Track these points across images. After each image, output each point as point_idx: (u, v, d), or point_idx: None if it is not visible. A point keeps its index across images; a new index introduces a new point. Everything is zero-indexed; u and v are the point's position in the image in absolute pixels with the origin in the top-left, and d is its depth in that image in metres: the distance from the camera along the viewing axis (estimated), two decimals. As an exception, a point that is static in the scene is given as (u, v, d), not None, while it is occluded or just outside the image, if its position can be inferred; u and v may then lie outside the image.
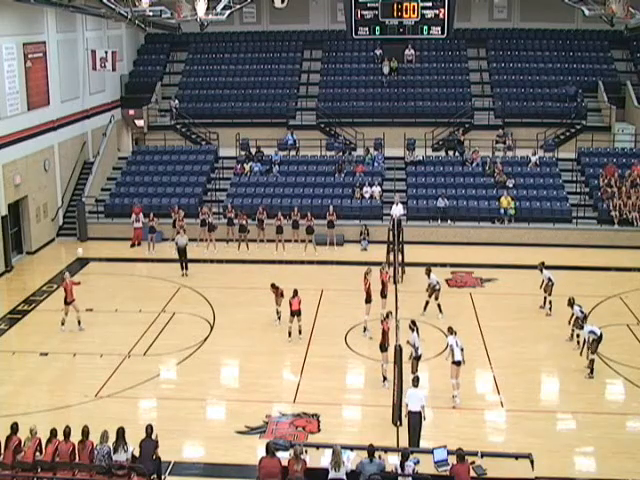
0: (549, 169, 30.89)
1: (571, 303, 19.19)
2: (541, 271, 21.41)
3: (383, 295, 20.57)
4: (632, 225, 27.78)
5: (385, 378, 17.32)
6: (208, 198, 30.30)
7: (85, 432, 12.72)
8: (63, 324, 20.40)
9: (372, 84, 35.80)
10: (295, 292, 19.87)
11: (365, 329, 20.12)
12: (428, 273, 21.02)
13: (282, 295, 20.34)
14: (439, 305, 20.74)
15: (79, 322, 20.48)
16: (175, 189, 30.64)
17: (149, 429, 12.86)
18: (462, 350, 16.61)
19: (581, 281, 24.10)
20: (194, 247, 27.20)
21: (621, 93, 34.37)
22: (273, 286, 20.53)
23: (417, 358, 16.93)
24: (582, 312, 18.88)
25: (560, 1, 28.65)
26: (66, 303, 20.29)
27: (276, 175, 31.30)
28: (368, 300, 20.18)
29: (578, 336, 18.95)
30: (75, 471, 12.53)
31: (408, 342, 16.94)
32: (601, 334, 17.61)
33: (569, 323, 19.37)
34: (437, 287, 20.91)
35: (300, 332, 19.88)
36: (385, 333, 17.30)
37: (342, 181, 30.63)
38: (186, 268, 24.61)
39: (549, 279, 21.13)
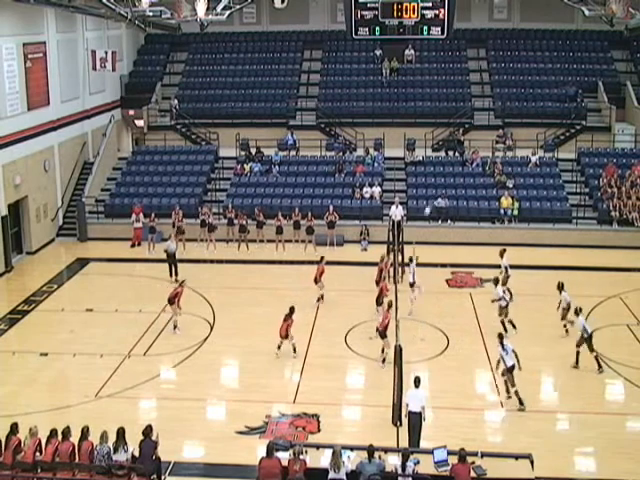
0: (549, 169, 30.90)
1: (560, 288, 19.45)
2: (501, 257, 21.85)
3: (379, 302, 20.30)
4: (632, 225, 27.79)
5: (384, 360, 17.69)
6: (208, 198, 30.31)
7: (84, 432, 12.74)
8: (175, 326, 20.27)
9: (372, 84, 35.80)
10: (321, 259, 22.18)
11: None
12: (498, 282, 20.30)
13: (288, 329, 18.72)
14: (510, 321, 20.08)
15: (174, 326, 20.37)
16: (175, 189, 30.64)
17: (147, 430, 12.85)
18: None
19: (581, 281, 24.09)
20: (194, 247, 27.26)
21: (621, 93, 34.38)
22: (291, 312, 18.73)
23: (508, 370, 16.23)
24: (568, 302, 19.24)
25: (560, 1, 28.66)
26: (170, 303, 20.17)
27: (276, 175, 31.30)
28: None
29: (565, 325, 19.34)
30: (75, 471, 12.53)
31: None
32: (591, 334, 17.74)
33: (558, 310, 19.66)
34: (504, 304, 20.10)
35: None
36: (384, 320, 17.77)
37: (342, 181, 30.63)
38: (176, 274, 24.35)
39: (506, 268, 21.42)
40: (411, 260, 21.67)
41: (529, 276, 23.08)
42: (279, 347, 18.70)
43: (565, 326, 19.66)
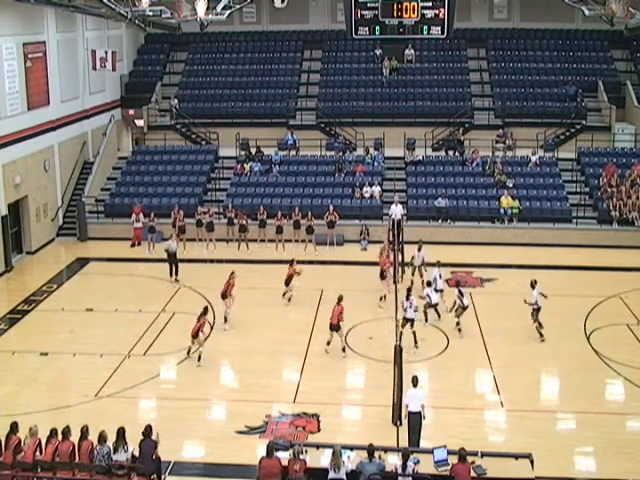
0: (549, 169, 30.89)
1: (532, 285, 19.60)
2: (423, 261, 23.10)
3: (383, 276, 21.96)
4: (632, 225, 27.79)
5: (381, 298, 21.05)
6: (208, 198, 30.31)
7: (84, 432, 12.75)
8: (226, 321, 20.42)
9: (372, 84, 35.80)
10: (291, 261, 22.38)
11: (381, 298, 21.93)
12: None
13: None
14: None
15: (225, 319, 20.52)
16: (175, 189, 30.64)
17: (147, 430, 12.84)
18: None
19: (581, 281, 24.13)
20: (194, 247, 27.26)
21: (621, 93, 34.38)
22: (205, 311, 18.92)
23: (405, 319, 18.76)
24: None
25: (560, 1, 28.66)
26: (223, 297, 20.32)
27: (276, 175, 31.30)
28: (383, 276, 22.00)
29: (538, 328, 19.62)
30: (75, 471, 12.53)
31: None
32: (539, 308, 19.31)
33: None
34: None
35: None
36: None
37: (342, 181, 30.63)
38: (176, 274, 24.39)
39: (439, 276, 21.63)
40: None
41: (529, 276, 22.98)
42: (189, 352, 18.58)
43: (538, 329, 19.50)
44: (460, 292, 19.96)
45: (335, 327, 18.68)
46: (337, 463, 11.82)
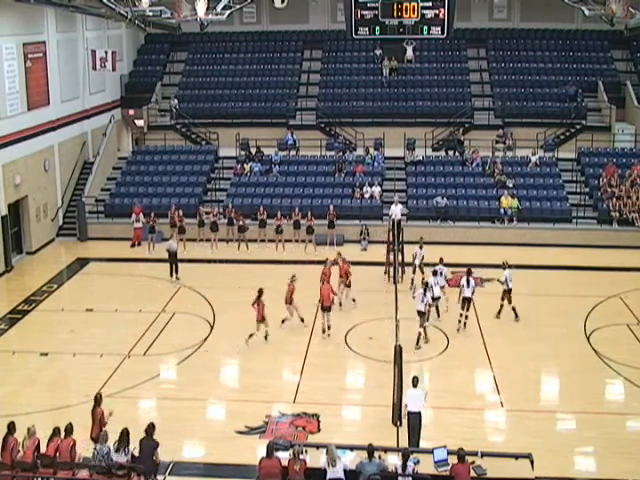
0: (549, 169, 30.90)
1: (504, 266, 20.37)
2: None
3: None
4: (632, 225, 27.79)
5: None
6: (208, 198, 30.31)
7: (98, 399, 13.54)
8: (283, 322, 20.43)
9: (372, 84, 35.80)
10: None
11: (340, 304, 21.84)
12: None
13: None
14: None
15: (283, 321, 20.56)
16: (175, 189, 30.64)
17: (150, 428, 12.69)
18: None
19: (580, 281, 24.12)
20: (195, 247, 27.25)
21: (621, 93, 34.39)
22: (260, 293, 19.47)
23: (418, 312, 19.10)
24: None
25: (560, 1, 28.64)
26: (287, 303, 20.39)
27: (276, 175, 31.31)
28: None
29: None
30: (75, 470, 12.52)
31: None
32: (510, 289, 20.28)
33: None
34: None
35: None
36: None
37: (342, 181, 30.63)
38: (176, 272, 24.39)
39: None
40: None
41: (529, 276, 23.06)
42: (251, 336, 19.23)
43: (501, 307, 20.82)
44: (467, 282, 19.97)
45: (327, 308, 19.50)
46: (332, 457, 11.78)
